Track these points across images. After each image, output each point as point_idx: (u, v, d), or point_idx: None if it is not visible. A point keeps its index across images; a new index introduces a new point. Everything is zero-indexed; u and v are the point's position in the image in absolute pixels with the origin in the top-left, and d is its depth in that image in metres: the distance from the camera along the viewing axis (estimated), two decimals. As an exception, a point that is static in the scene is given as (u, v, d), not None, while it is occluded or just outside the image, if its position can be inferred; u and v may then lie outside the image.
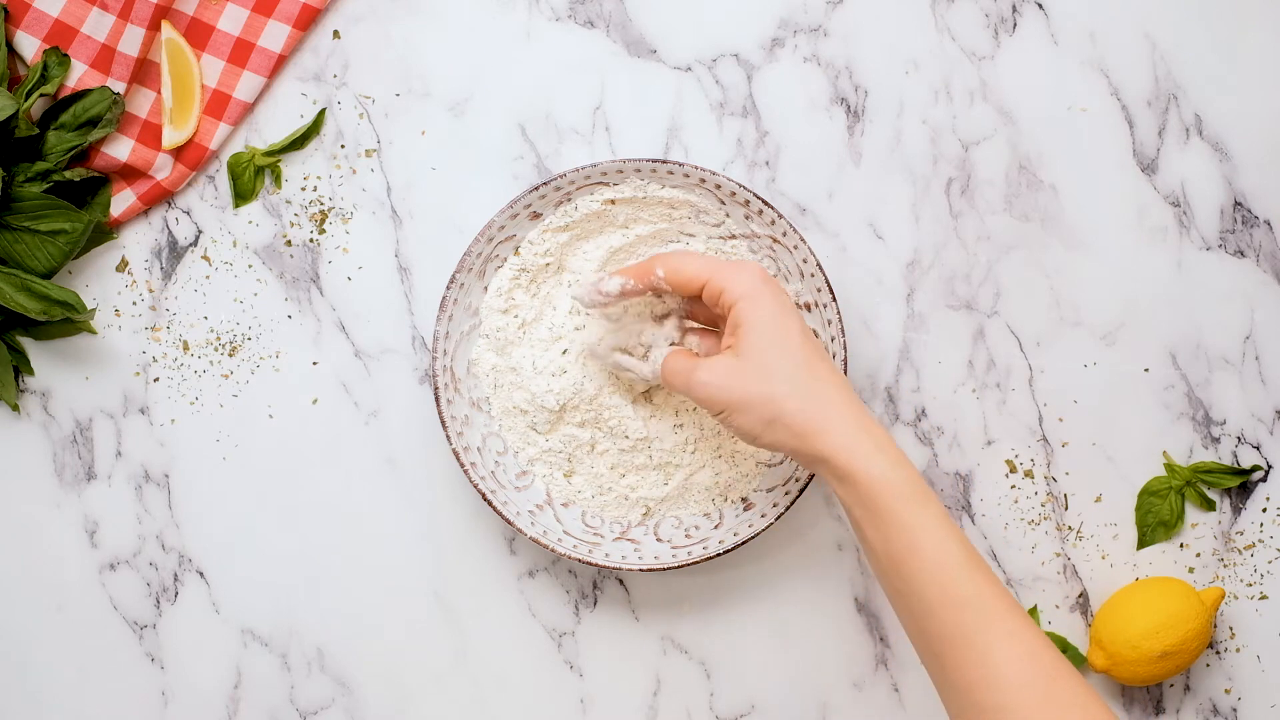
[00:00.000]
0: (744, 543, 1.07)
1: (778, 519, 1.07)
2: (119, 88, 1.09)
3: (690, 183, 1.07)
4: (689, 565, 1.07)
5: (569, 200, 1.08)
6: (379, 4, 1.12)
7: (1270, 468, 1.12)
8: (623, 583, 1.13)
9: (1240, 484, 1.12)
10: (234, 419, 1.13)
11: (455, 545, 1.13)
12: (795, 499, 1.07)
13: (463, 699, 1.13)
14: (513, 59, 1.12)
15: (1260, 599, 1.12)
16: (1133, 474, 1.12)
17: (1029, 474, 1.12)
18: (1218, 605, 1.10)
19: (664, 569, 1.07)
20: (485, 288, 1.09)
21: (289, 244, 1.13)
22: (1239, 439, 1.12)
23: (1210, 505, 1.12)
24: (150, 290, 1.13)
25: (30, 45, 1.10)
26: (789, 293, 1.07)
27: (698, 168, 1.06)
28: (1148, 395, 1.12)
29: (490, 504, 1.07)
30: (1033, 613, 1.12)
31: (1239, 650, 1.13)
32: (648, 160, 1.06)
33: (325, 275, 1.13)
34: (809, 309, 1.07)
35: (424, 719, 1.13)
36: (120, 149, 1.11)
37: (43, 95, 1.09)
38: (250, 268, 1.13)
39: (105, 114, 1.08)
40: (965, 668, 0.90)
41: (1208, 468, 1.12)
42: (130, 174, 1.12)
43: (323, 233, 1.13)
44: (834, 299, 1.06)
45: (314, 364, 1.13)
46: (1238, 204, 1.12)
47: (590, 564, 1.07)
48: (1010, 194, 1.12)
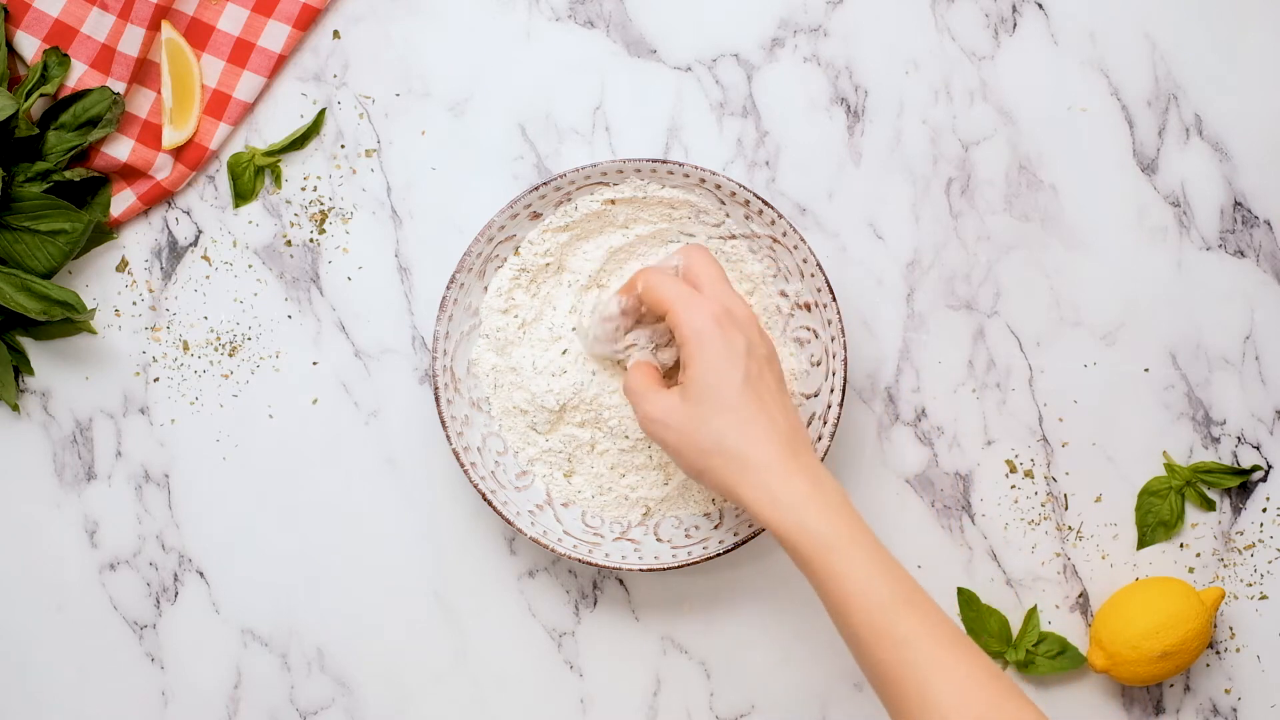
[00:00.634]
0: (744, 542, 1.07)
1: (778, 519, 1.08)
2: (119, 88, 1.09)
3: (690, 183, 1.07)
4: (689, 565, 1.07)
5: (569, 200, 1.08)
6: (379, 4, 1.12)
7: (1270, 468, 1.12)
8: (623, 583, 1.13)
9: (1240, 484, 1.12)
10: (234, 419, 1.13)
11: (455, 545, 1.13)
12: (795, 499, 1.07)
13: (463, 699, 1.13)
14: (513, 59, 1.12)
15: (1260, 599, 1.12)
16: (1133, 474, 1.12)
17: (1029, 474, 1.12)
18: (1218, 605, 1.10)
19: (664, 569, 1.07)
20: (485, 288, 1.09)
21: (289, 244, 1.13)
22: (1239, 439, 1.12)
23: (1210, 505, 1.12)
24: (150, 290, 1.13)
25: (30, 45, 1.10)
26: (790, 292, 1.08)
27: (698, 168, 1.06)
28: (1148, 395, 1.12)
29: (490, 504, 1.07)
30: (1033, 613, 1.12)
31: (1239, 650, 1.12)
32: (648, 160, 1.06)
33: (325, 275, 1.13)
34: (809, 309, 1.07)
35: (424, 719, 1.13)
36: (120, 149, 1.11)
37: (43, 95, 1.09)
38: (250, 268, 1.13)
39: (105, 114, 1.08)
40: (907, 702, 0.92)
41: (1208, 468, 1.12)
42: (130, 174, 1.12)
43: (323, 233, 1.12)
44: (834, 299, 1.06)
45: (314, 364, 1.13)
46: (1238, 204, 1.12)
47: (590, 564, 1.07)
48: (1010, 194, 1.12)
